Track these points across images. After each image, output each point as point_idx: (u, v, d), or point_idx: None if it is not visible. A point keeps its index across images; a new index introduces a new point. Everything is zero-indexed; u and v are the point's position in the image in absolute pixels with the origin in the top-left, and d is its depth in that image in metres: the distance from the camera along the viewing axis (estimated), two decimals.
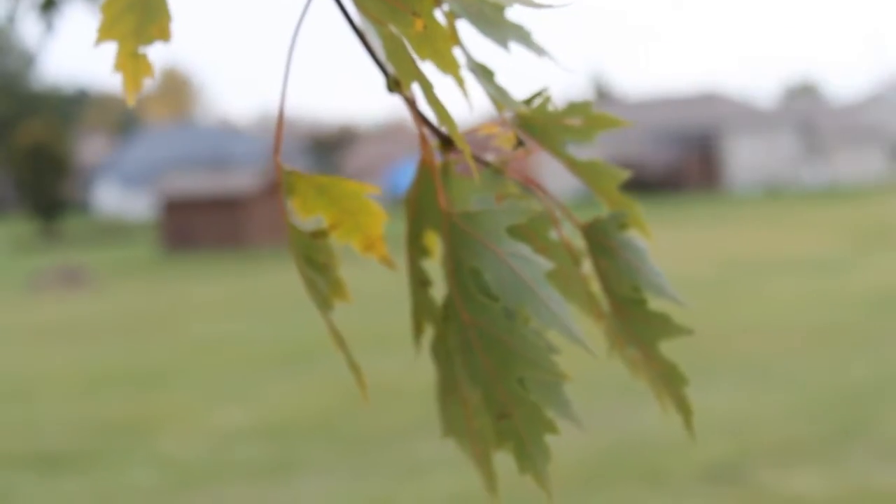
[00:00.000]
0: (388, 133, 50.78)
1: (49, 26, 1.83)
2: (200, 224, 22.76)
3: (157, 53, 0.58)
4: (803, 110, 42.77)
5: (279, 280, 15.25)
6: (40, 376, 8.72)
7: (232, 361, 8.76)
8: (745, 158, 38.19)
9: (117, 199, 42.89)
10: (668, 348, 0.51)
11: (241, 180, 24.12)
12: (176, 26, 0.58)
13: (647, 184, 36.36)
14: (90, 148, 54.92)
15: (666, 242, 18.51)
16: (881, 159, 41.71)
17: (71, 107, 55.33)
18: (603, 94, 63.54)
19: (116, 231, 31.79)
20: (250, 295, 13.78)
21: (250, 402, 7.08)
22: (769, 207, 28.66)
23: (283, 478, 5.23)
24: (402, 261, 0.53)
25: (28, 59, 47.33)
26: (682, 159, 37.23)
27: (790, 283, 11.71)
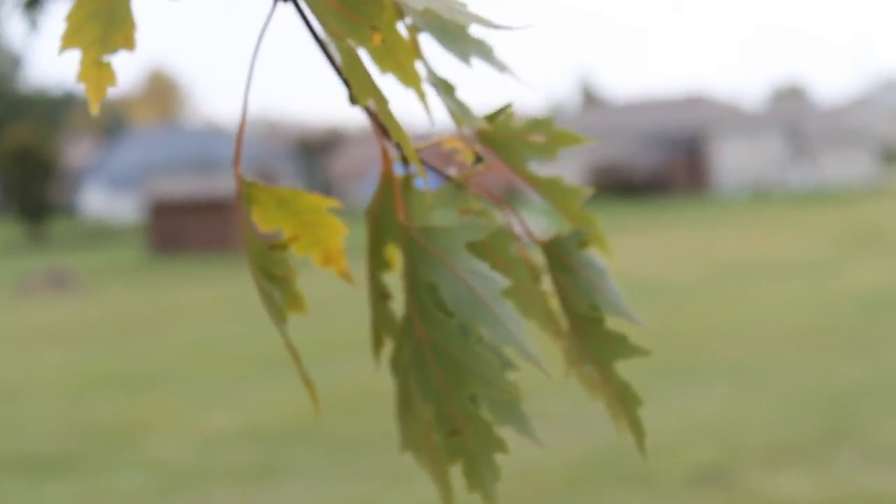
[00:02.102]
0: (374, 136, 50.45)
1: (33, 24, 1.82)
2: (188, 227, 22.69)
3: (142, 56, 0.58)
4: (790, 113, 42.94)
5: None
6: (27, 379, 8.68)
7: (219, 365, 8.74)
8: (731, 161, 38.33)
9: (104, 201, 42.74)
10: (658, 351, 0.51)
11: (228, 183, 24.06)
12: (161, 29, 0.58)
13: (634, 186, 36.45)
14: (77, 151, 54.74)
15: (652, 245, 18.57)
16: (868, 162, 41.92)
17: (57, 109, 55.16)
18: (590, 97, 63.61)
19: (103, 234, 31.69)
20: (238, 298, 13.75)
21: (238, 406, 7.06)
22: (756, 210, 28.77)
23: (270, 482, 5.22)
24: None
25: (14, 61, 47.14)
26: (669, 162, 37.35)
27: (777, 285, 11.75)
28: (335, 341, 9.10)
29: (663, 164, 37.29)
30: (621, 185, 36.33)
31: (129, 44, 0.55)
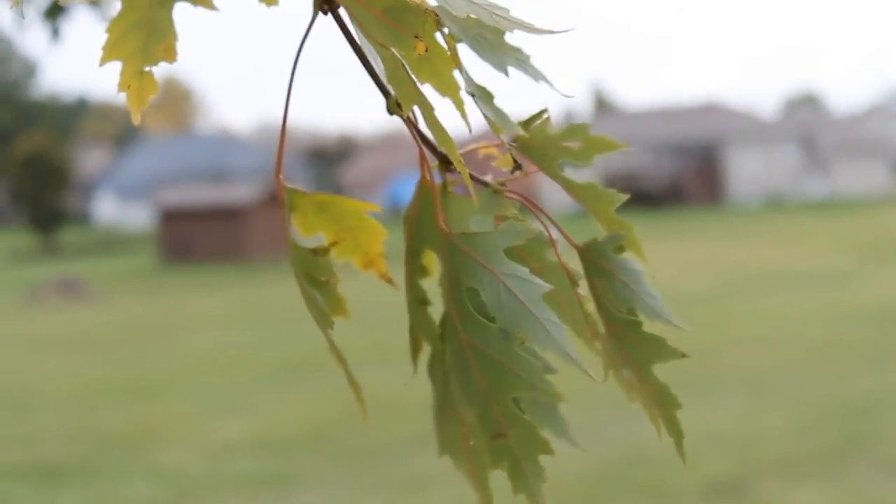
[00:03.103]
0: (387, 144, 50.81)
1: (55, 33, 1.84)
2: (199, 235, 22.75)
3: (161, 66, 0.59)
4: (805, 122, 42.77)
5: (278, 292, 15.25)
6: (38, 387, 8.70)
7: (230, 373, 8.74)
8: (746, 170, 38.21)
9: (116, 210, 42.88)
10: (670, 362, 0.52)
11: (241, 191, 24.14)
12: (182, 38, 0.59)
13: (649, 196, 36.34)
14: (89, 159, 54.95)
15: (667, 255, 18.51)
16: (883, 171, 41.74)
17: (70, 117, 55.40)
18: (604, 106, 63.58)
19: (115, 242, 31.78)
20: (249, 306, 13.77)
21: (249, 415, 7.06)
22: (771, 219, 28.65)
23: (281, 491, 5.22)
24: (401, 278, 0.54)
25: (29, 69, 47.37)
26: (684, 171, 37.21)
27: (792, 296, 11.69)
28: (347, 350, 9.09)
29: (678, 173, 37.16)
30: (636, 195, 36.17)
31: (170, 55, 0.56)
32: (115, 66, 0.60)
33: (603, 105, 62.95)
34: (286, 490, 5.23)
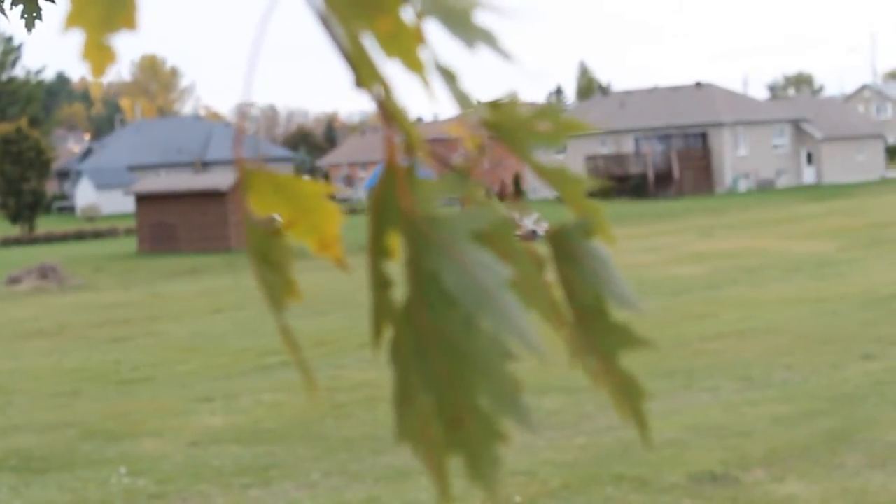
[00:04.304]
0: (374, 128, 50.66)
1: (37, 10, 1.81)
2: (181, 221, 22.63)
3: (140, 46, 0.58)
4: (796, 106, 42.85)
5: None
6: (16, 375, 8.63)
7: (212, 363, 8.70)
8: (737, 154, 38.30)
9: (96, 195, 42.62)
10: (661, 351, 0.51)
11: (223, 177, 24.01)
12: (161, 20, 0.57)
13: (638, 179, 36.31)
14: (70, 143, 54.51)
15: (653, 240, 18.53)
16: (874, 156, 41.99)
17: (52, 101, 54.93)
18: (589, 87, 63.60)
19: (95, 228, 31.58)
20: (231, 294, 13.71)
21: (229, 404, 7.03)
22: (761, 203, 28.72)
23: (262, 481, 5.19)
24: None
25: (10, 50, 46.92)
26: (674, 154, 37.19)
27: (783, 284, 11.71)
28: (330, 341, 9.07)
29: (668, 156, 37.09)
30: (625, 178, 36.17)
31: (131, 24, 0.55)
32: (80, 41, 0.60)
33: (591, 87, 62.99)
34: (267, 480, 5.20)
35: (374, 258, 0.48)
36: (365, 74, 0.46)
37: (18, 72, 47.68)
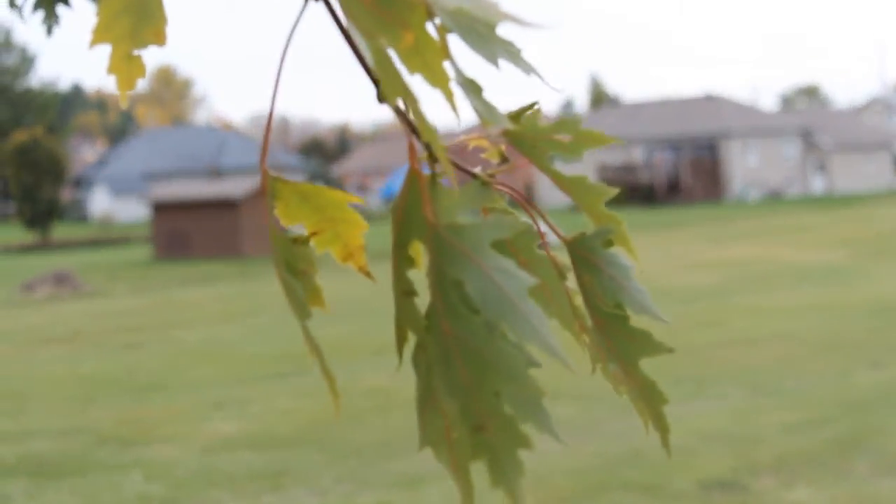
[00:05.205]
0: (385, 137, 50.78)
1: (55, 20, 1.83)
2: (194, 229, 22.72)
3: (154, 56, 0.59)
4: (806, 116, 42.75)
5: (273, 286, 15.23)
6: (32, 381, 8.68)
7: (225, 369, 8.73)
8: (746, 164, 38.21)
9: (111, 203, 42.83)
10: (670, 358, 0.51)
11: (236, 185, 24.10)
12: (174, 29, 0.59)
13: (645, 188, 36.27)
14: (85, 151, 54.80)
15: (664, 248, 18.49)
16: (884, 167, 41.80)
17: (66, 109, 55.21)
18: (603, 99, 63.59)
19: (110, 236, 31.73)
20: (244, 301, 13.75)
21: (243, 410, 7.05)
22: (771, 213, 28.65)
23: (275, 487, 5.21)
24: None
25: (27, 60, 47.23)
26: (684, 164, 37.17)
27: (792, 292, 11.68)
28: (342, 346, 9.09)
29: (677, 166, 37.08)
30: (635, 188, 36.19)
31: (159, 39, 0.56)
32: (107, 52, 0.60)
33: (602, 98, 62.99)
34: (279, 486, 5.22)
35: (398, 266, 0.49)
36: (389, 88, 0.47)
37: (33, 81, 47.99)
